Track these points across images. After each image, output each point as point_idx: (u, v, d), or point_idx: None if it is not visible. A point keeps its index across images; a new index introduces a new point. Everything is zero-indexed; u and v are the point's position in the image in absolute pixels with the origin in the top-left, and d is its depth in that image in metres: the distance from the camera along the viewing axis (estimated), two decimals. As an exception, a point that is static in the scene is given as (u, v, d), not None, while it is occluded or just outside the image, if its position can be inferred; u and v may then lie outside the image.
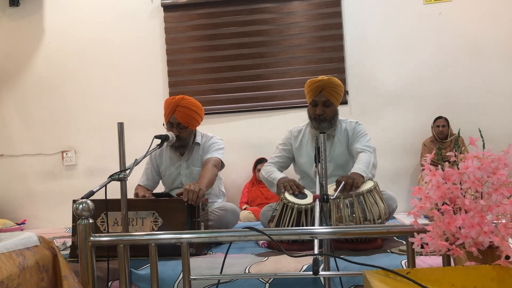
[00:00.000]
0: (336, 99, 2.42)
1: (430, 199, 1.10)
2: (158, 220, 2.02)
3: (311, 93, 2.41)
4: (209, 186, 2.31)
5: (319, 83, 2.38)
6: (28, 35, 4.60)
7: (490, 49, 4.16)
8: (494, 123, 4.03)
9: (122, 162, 1.64)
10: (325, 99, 2.39)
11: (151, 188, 2.67)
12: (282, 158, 2.56)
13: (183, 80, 4.42)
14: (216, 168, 2.45)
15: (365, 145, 2.37)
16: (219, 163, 2.50)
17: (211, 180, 2.34)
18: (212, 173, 2.37)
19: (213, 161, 2.45)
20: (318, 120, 2.42)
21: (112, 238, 1.47)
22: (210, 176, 2.34)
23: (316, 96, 2.40)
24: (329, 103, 2.40)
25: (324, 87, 2.37)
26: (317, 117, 2.41)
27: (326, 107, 2.40)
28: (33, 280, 1.32)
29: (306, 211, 2.06)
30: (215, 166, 2.44)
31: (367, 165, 2.22)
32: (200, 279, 1.59)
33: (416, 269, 1.04)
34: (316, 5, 4.33)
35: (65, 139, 4.54)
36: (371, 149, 2.36)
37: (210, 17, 4.43)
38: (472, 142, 1.12)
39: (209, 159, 2.48)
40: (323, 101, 2.39)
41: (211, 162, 2.44)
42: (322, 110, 2.40)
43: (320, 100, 2.40)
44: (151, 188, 2.67)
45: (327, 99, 2.39)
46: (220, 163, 2.51)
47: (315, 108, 2.41)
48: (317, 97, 2.40)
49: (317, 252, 1.23)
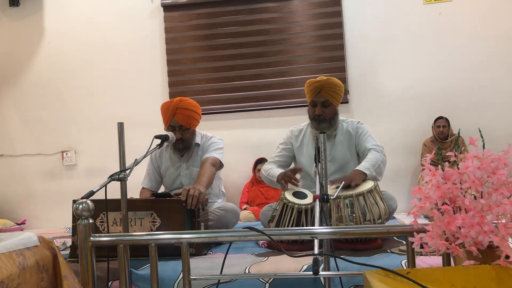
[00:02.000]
0: (336, 99, 2.42)
1: (430, 199, 1.10)
2: (156, 221, 2.01)
3: (310, 93, 2.41)
4: (208, 186, 2.30)
5: (317, 83, 2.38)
6: (28, 35, 4.60)
7: (490, 49, 4.15)
8: (494, 123, 4.03)
9: (122, 162, 1.64)
10: (324, 100, 2.39)
11: (155, 189, 2.66)
12: (283, 157, 2.56)
13: (183, 80, 4.42)
14: (214, 167, 2.44)
15: (375, 144, 2.38)
16: (218, 162, 2.50)
17: (209, 179, 2.33)
18: (211, 172, 2.36)
19: (211, 160, 2.44)
20: (317, 120, 2.42)
21: (112, 238, 1.46)
22: (209, 175, 2.33)
23: (315, 97, 2.40)
24: (328, 104, 2.40)
25: (322, 87, 2.37)
26: (317, 118, 2.41)
27: (325, 107, 2.40)
28: (33, 280, 1.32)
29: (306, 211, 2.06)
30: (213, 165, 2.42)
31: (373, 164, 2.22)
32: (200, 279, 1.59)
33: (416, 269, 1.04)
34: (316, 5, 4.33)
35: (65, 139, 4.54)
36: (381, 147, 2.36)
37: (210, 16, 4.43)
38: (472, 142, 1.12)
39: (207, 158, 2.47)
40: (322, 102, 2.39)
41: (209, 161, 2.43)
42: (321, 110, 2.39)
43: (319, 100, 2.39)
44: (155, 189, 2.66)
45: (326, 100, 2.39)
46: (218, 162, 2.51)
47: (315, 109, 2.41)
48: (316, 97, 2.40)
49: (317, 252, 1.23)
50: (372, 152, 2.31)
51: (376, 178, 2.23)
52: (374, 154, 2.29)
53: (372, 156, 2.28)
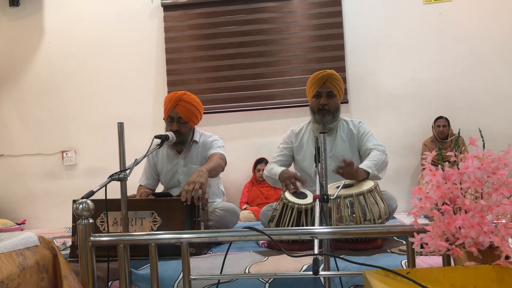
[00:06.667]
0: (338, 92, 2.48)
1: (430, 199, 1.10)
2: (157, 220, 2.01)
3: (315, 85, 2.45)
4: (212, 172, 2.29)
5: (323, 73, 2.44)
6: (28, 35, 4.60)
7: (490, 49, 4.15)
8: (494, 123, 4.03)
9: (122, 162, 1.64)
10: (329, 90, 2.45)
11: (152, 187, 2.67)
12: (284, 157, 2.57)
13: (183, 79, 4.42)
14: (223, 161, 2.46)
15: (376, 144, 2.40)
16: (225, 159, 2.52)
17: (215, 168, 2.33)
18: (218, 164, 2.37)
19: (219, 155, 2.46)
20: (322, 112, 2.44)
21: (112, 238, 1.46)
22: (215, 164, 2.33)
23: (320, 87, 2.45)
24: (333, 94, 2.46)
25: (327, 78, 2.44)
26: (321, 108, 2.44)
27: (330, 98, 2.45)
28: (33, 280, 1.32)
29: (306, 211, 2.06)
30: (221, 159, 2.45)
31: (376, 163, 2.23)
32: (200, 279, 1.59)
33: (416, 269, 1.04)
34: (316, 5, 4.33)
35: (65, 139, 4.55)
36: (383, 147, 2.38)
37: (210, 16, 4.43)
38: (472, 142, 1.12)
39: (214, 153, 2.48)
40: (327, 92, 2.45)
41: (217, 155, 2.44)
42: (326, 100, 2.45)
43: (324, 91, 2.45)
44: (152, 187, 2.67)
45: (331, 90, 2.45)
46: (225, 159, 2.52)
47: (319, 100, 2.46)
48: (321, 88, 2.45)
49: (317, 252, 1.23)
50: (374, 151, 2.33)
51: (377, 177, 2.23)
52: (376, 154, 2.31)
53: (374, 155, 2.30)
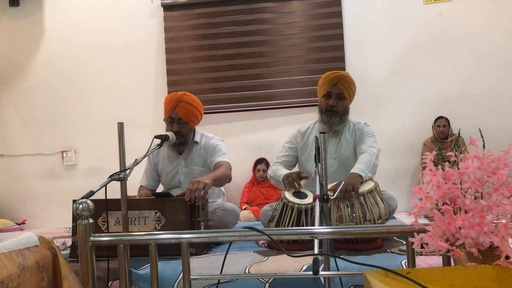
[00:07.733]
0: (349, 95, 2.46)
1: (430, 199, 1.10)
2: (161, 219, 2.02)
3: (326, 85, 2.43)
4: (216, 182, 2.30)
5: (335, 74, 2.42)
6: (28, 35, 4.60)
7: (490, 49, 4.15)
8: (494, 123, 4.03)
9: (122, 162, 1.64)
10: (340, 91, 2.42)
11: (153, 188, 2.67)
12: (289, 157, 2.56)
13: (183, 79, 4.42)
14: (230, 171, 2.48)
15: (369, 146, 2.39)
16: (231, 169, 2.52)
17: (221, 178, 2.35)
18: (225, 174, 2.39)
19: (226, 165, 2.48)
20: (329, 113, 2.42)
21: (112, 238, 1.46)
22: (223, 174, 2.36)
23: (331, 88, 2.42)
24: (343, 96, 2.43)
25: (340, 79, 2.41)
26: (329, 109, 2.42)
27: (339, 100, 2.43)
28: (33, 280, 1.32)
29: (306, 211, 2.07)
30: (229, 169, 2.47)
31: (367, 165, 2.23)
32: (200, 279, 1.59)
33: (416, 269, 1.04)
34: (316, 5, 4.33)
35: (65, 139, 4.54)
36: (374, 149, 2.37)
37: (210, 16, 4.43)
38: (472, 142, 1.12)
39: (221, 162, 2.49)
40: (337, 93, 2.42)
41: (224, 165, 2.46)
42: (335, 102, 2.42)
43: (334, 92, 2.42)
44: (153, 188, 2.67)
45: (341, 92, 2.42)
46: (231, 168, 2.53)
47: (328, 100, 2.43)
48: (332, 88, 2.42)
49: (317, 252, 1.23)
50: (364, 154, 2.33)
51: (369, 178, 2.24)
52: (366, 156, 2.31)
53: (365, 157, 2.30)
